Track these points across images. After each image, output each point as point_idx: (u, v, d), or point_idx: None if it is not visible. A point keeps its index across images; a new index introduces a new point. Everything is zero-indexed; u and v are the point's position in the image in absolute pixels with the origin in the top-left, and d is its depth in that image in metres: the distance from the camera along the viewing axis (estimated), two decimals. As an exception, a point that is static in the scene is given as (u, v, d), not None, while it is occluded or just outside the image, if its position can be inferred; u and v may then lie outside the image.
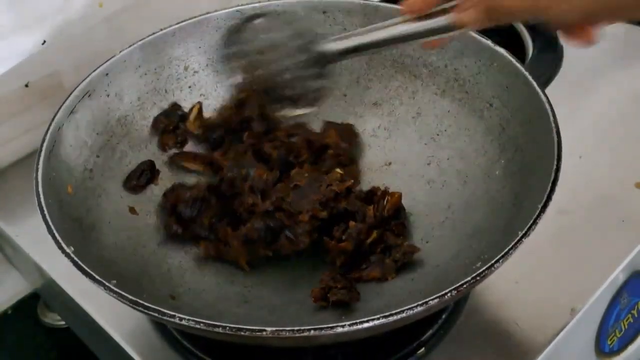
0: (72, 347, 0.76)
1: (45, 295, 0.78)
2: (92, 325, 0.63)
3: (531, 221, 0.49)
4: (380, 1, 0.73)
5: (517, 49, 0.88)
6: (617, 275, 0.63)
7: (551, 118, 0.56)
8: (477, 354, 0.58)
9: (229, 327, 0.44)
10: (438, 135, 0.68)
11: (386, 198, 0.62)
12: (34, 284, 0.79)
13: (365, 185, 0.67)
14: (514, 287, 0.62)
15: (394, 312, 0.44)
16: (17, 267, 0.78)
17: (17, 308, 0.81)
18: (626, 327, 0.68)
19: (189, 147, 0.70)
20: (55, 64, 0.75)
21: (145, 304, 0.46)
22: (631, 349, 0.70)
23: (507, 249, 0.48)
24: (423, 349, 0.58)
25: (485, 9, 0.49)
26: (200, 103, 0.71)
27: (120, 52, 0.67)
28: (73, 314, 0.67)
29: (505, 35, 0.90)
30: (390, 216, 0.62)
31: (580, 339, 0.63)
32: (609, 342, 0.67)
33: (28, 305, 0.81)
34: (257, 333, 0.44)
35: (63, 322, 0.78)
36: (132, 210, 0.64)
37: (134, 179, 0.65)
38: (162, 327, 0.60)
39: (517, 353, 0.58)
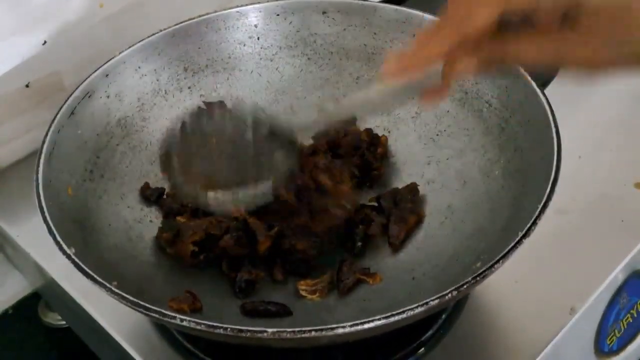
0: (72, 347, 0.76)
1: (45, 295, 0.78)
2: (92, 325, 0.63)
3: (531, 222, 0.49)
4: (379, 1, 0.73)
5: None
6: (617, 275, 0.64)
7: (551, 118, 0.56)
8: (477, 354, 0.58)
9: (230, 328, 0.44)
10: (437, 135, 0.69)
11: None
12: (35, 284, 0.79)
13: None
14: (513, 287, 0.62)
15: (394, 312, 0.44)
16: (18, 267, 0.78)
17: (18, 308, 0.81)
18: (625, 326, 0.68)
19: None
20: (55, 64, 0.75)
21: (146, 305, 0.46)
22: (630, 348, 0.70)
23: (507, 250, 0.48)
24: (423, 349, 0.58)
25: (488, 60, 0.43)
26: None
27: (121, 52, 0.67)
28: (73, 313, 0.67)
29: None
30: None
31: (579, 338, 0.63)
32: (608, 342, 0.67)
33: (28, 305, 0.80)
34: (258, 334, 0.44)
35: (63, 322, 0.78)
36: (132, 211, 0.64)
37: (149, 189, 0.66)
38: (162, 328, 0.61)
39: (517, 353, 0.58)
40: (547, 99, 0.58)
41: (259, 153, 0.56)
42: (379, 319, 0.44)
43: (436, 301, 0.45)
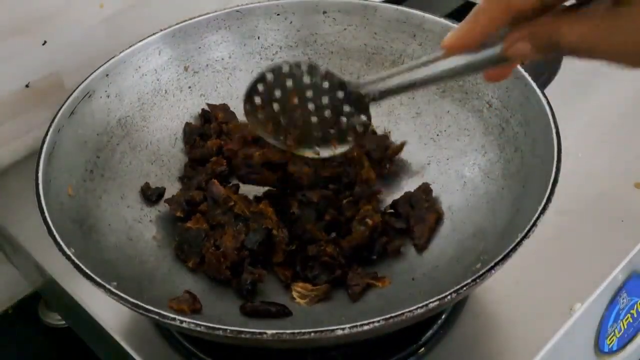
0: (72, 347, 0.76)
1: (45, 295, 0.78)
2: (92, 325, 0.63)
3: (531, 223, 0.49)
4: (380, 1, 0.73)
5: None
6: (617, 275, 0.63)
7: (551, 119, 0.56)
8: (477, 354, 0.58)
9: (230, 329, 0.44)
10: (438, 135, 0.69)
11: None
12: (34, 284, 0.79)
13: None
14: (513, 287, 0.62)
15: (393, 314, 0.44)
16: (18, 266, 0.78)
17: (18, 308, 0.81)
18: (625, 326, 0.68)
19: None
20: (55, 65, 0.75)
21: (146, 306, 0.46)
22: (630, 348, 0.70)
23: (506, 252, 0.48)
24: (423, 349, 0.58)
25: (541, 45, 0.42)
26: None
27: (121, 52, 0.67)
28: (73, 313, 0.67)
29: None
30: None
31: (579, 338, 0.63)
32: (608, 342, 0.67)
33: (28, 305, 0.81)
34: (258, 336, 0.44)
35: (63, 322, 0.78)
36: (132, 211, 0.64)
37: (150, 190, 0.66)
38: (162, 327, 0.61)
39: (517, 353, 0.58)
40: (547, 99, 0.58)
41: (335, 113, 0.57)
42: (378, 321, 0.44)
43: (436, 303, 0.45)
